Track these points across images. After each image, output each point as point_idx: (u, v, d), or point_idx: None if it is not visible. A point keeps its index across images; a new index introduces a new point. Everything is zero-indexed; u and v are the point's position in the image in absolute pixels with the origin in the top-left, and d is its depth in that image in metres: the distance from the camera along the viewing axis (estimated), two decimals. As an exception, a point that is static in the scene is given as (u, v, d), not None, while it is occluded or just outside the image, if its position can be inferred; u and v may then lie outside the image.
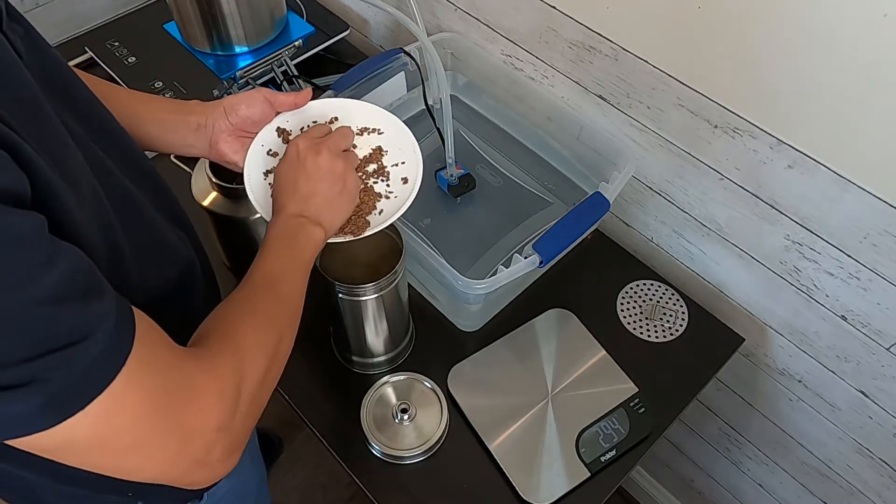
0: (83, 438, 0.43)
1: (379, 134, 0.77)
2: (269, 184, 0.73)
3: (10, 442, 0.42)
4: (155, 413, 0.46)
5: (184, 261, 0.65)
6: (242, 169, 0.73)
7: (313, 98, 0.77)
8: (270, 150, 0.74)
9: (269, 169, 0.74)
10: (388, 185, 0.74)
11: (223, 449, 0.51)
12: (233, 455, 0.52)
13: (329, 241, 0.69)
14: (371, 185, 0.73)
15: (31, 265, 0.39)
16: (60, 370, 0.40)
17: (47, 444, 0.43)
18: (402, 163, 0.75)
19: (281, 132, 0.75)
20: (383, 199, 0.73)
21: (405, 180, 0.74)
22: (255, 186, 0.72)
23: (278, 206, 0.67)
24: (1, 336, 0.38)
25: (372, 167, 0.75)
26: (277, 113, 0.75)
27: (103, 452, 0.45)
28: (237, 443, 0.53)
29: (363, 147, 0.76)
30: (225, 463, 0.51)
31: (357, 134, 0.77)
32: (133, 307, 0.47)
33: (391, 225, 0.73)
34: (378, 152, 0.76)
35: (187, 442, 0.48)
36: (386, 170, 0.75)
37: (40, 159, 0.42)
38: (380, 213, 0.72)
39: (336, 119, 0.77)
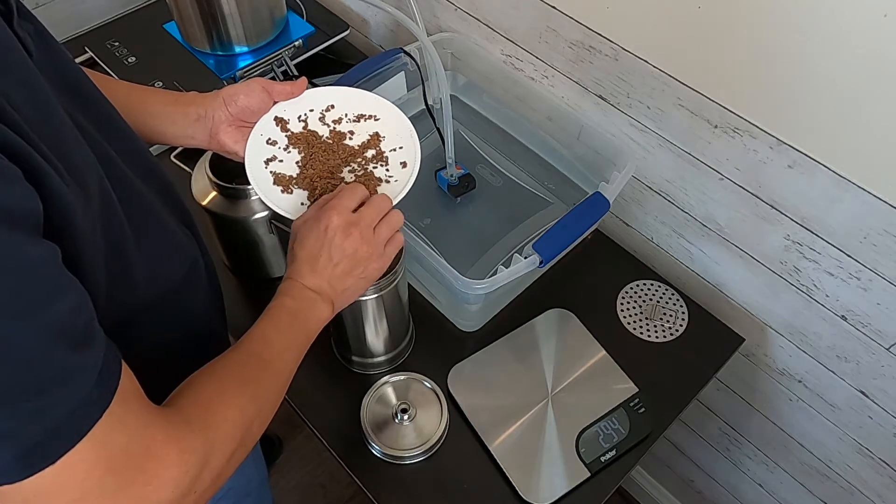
0: (30, 491, 0.41)
1: (375, 120, 0.78)
2: (271, 172, 0.73)
3: None
4: (108, 473, 0.43)
5: (190, 258, 0.66)
6: (243, 158, 0.73)
7: (310, 87, 0.77)
8: (269, 138, 0.75)
9: (269, 157, 0.74)
10: (387, 170, 0.75)
11: None
12: None
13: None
14: (371, 171, 0.74)
15: (39, 296, 0.38)
16: (39, 422, 0.39)
17: None
18: (400, 147, 0.76)
19: (279, 121, 0.76)
20: (384, 184, 0.74)
21: (404, 164, 0.75)
22: (257, 175, 0.73)
23: (293, 272, 0.65)
24: None
25: (371, 153, 0.76)
26: (275, 102, 0.76)
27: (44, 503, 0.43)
28: None
29: (361, 133, 0.77)
30: None
31: (353, 120, 0.78)
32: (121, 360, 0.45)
33: None
34: (376, 138, 0.77)
35: None
36: (384, 155, 0.76)
37: (49, 167, 0.41)
38: None
39: (332, 107, 0.78)
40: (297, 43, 1.22)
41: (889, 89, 0.67)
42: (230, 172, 0.87)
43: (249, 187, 0.85)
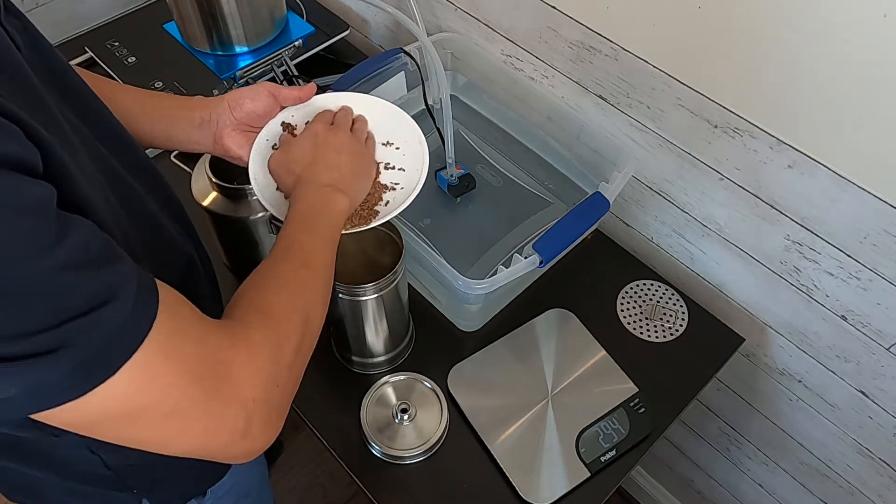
0: (117, 408, 0.43)
1: (384, 126, 0.77)
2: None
3: (45, 417, 0.41)
4: (190, 382, 0.45)
5: (186, 258, 0.65)
6: (247, 164, 0.73)
7: (319, 93, 0.77)
8: (275, 144, 0.74)
9: None
10: (394, 177, 0.74)
11: (262, 420, 0.50)
12: (273, 425, 0.52)
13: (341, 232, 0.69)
14: (377, 177, 0.74)
15: (47, 233, 0.39)
16: (87, 335, 0.40)
17: (81, 417, 0.42)
18: (408, 155, 0.75)
19: (286, 127, 0.75)
20: (389, 191, 0.73)
21: (412, 172, 0.74)
22: (261, 181, 0.72)
23: (299, 178, 0.68)
24: (24, 305, 0.38)
25: (378, 159, 0.75)
26: (282, 107, 0.75)
27: (139, 423, 0.45)
28: (276, 414, 0.52)
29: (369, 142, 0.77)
30: (266, 434, 0.51)
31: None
32: (156, 279, 0.46)
33: (391, 224, 0.73)
34: (384, 144, 0.76)
35: (226, 412, 0.47)
36: (391, 163, 0.75)
37: (51, 137, 0.42)
38: (386, 205, 0.72)
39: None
40: (297, 43, 1.22)
41: (889, 89, 0.67)
42: (230, 172, 0.87)
43: (249, 187, 0.85)
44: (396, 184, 0.74)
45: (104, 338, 0.41)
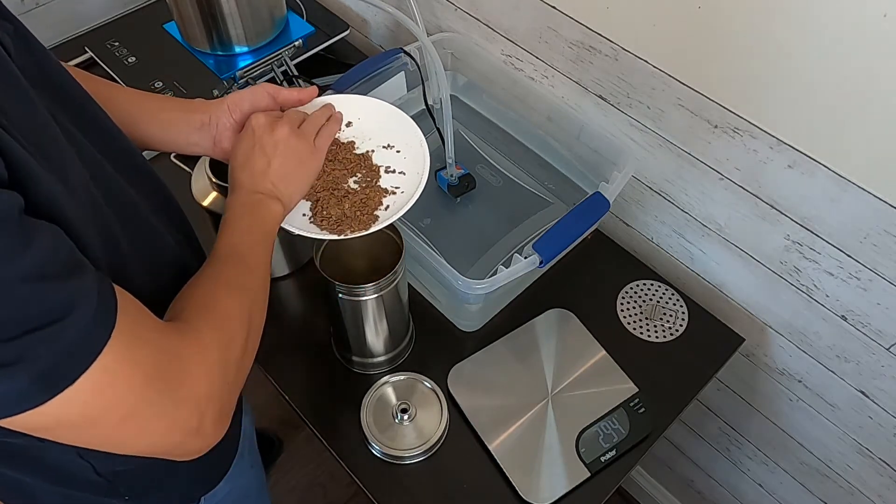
0: (76, 414, 0.44)
1: (385, 129, 0.77)
2: None
3: (4, 423, 0.42)
4: (146, 384, 0.46)
5: (180, 261, 0.65)
6: None
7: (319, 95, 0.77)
8: None
9: None
10: (394, 181, 0.74)
11: (213, 416, 0.51)
12: (223, 421, 0.53)
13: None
14: (376, 183, 0.74)
15: (10, 243, 0.39)
16: (46, 347, 0.40)
17: (41, 423, 0.43)
18: (409, 158, 0.75)
19: None
20: (390, 195, 0.73)
21: (412, 175, 0.74)
22: None
23: (234, 183, 0.67)
24: None
25: (377, 162, 0.75)
26: (282, 110, 0.75)
27: (97, 427, 0.46)
28: (226, 410, 0.54)
29: (369, 142, 0.76)
30: (216, 430, 0.53)
31: (363, 129, 0.77)
32: (114, 284, 0.47)
33: (391, 225, 0.73)
34: (385, 147, 0.76)
35: (179, 411, 0.49)
36: (392, 167, 0.75)
37: (21, 149, 0.42)
38: (387, 209, 0.72)
39: (350, 124, 0.77)
40: (297, 43, 1.22)
41: (889, 89, 0.67)
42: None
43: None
44: (397, 188, 0.74)
45: (63, 349, 0.41)
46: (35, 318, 0.40)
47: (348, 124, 0.77)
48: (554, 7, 0.94)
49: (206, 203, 0.89)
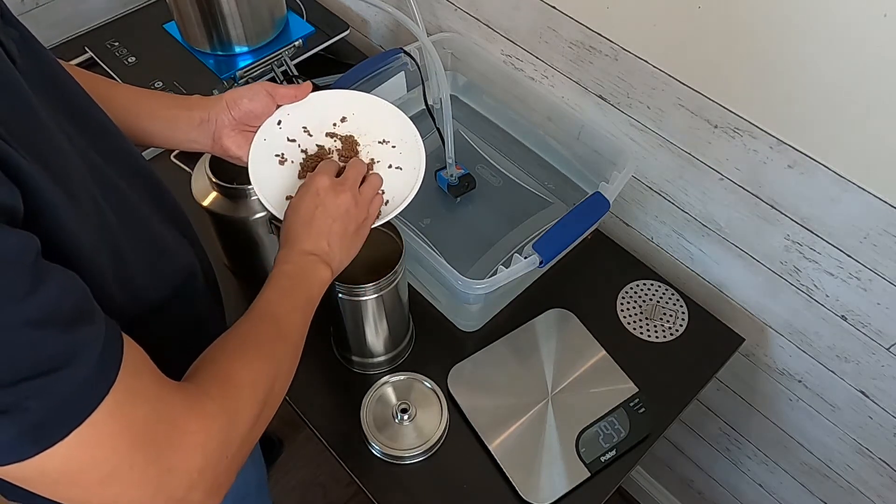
0: (55, 469, 0.41)
1: (380, 124, 0.77)
2: (279, 166, 0.73)
3: None
4: (134, 446, 0.44)
5: (185, 265, 0.65)
6: (246, 163, 0.73)
7: (314, 91, 0.77)
8: (273, 143, 0.74)
9: (278, 153, 0.74)
10: (392, 176, 0.74)
11: (204, 491, 0.48)
12: (216, 495, 0.50)
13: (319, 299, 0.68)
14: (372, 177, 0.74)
15: (19, 284, 0.38)
16: (39, 399, 0.39)
17: (20, 474, 0.41)
18: (405, 153, 0.75)
19: (282, 126, 0.75)
20: (388, 192, 0.73)
21: (409, 171, 0.74)
22: (260, 180, 0.72)
23: (290, 239, 0.66)
24: None
25: (374, 158, 0.75)
26: (278, 106, 0.75)
27: (74, 485, 0.43)
28: (220, 486, 0.50)
29: (365, 137, 0.76)
30: (206, 503, 0.49)
31: (358, 125, 0.77)
32: (124, 334, 0.45)
33: (391, 225, 0.73)
34: (380, 143, 0.76)
35: (166, 480, 0.46)
36: (388, 163, 0.75)
37: (33, 169, 0.41)
38: (385, 205, 0.72)
39: (337, 110, 0.77)
40: (297, 43, 1.22)
41: (889, 89, 0.67)
42: (230, 172, 0.87)
43: (249, 187, 0.85)
44: (394, 184, 0.74)
45: (56, 403, 0.40)
46: (32, 366, 0.38)
47: (343, 119, 0.77)
48: (554, 7, 0.94)
49: (206, 203, 0.89)
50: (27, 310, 0.38)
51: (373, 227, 0.71)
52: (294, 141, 0.75)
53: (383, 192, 0.73)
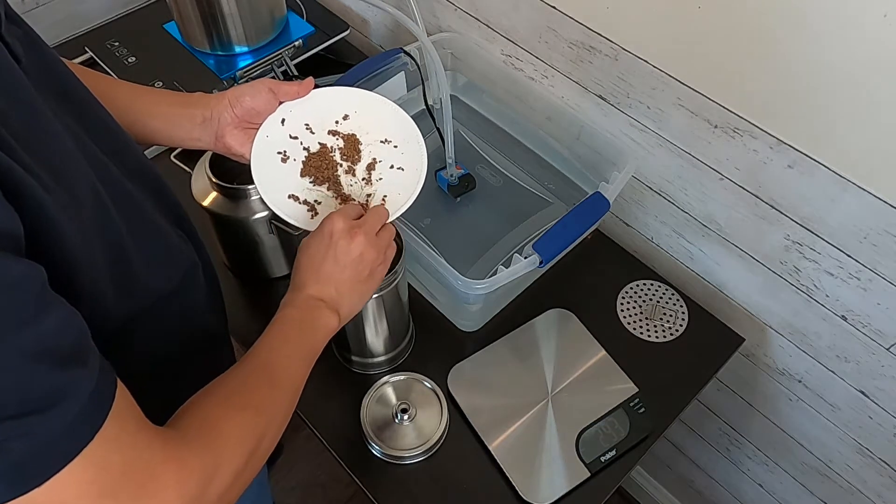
0: None
1: (382, 122, 0.77)
2: (282, 164, 0.72)
3: None
4: (103, 495, 0.42)
5: (186, 262, 0.65)
6: (249, 161, 0.73)
7: (316, 88, 0.77)
8: (275, 140, 0.74)
9: (280, 151, 0.74)
10: (393, 177, 0.74)
11: None
12: None
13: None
14: (373, 178, 0.74)
15: (15, 314, 0.37)
16: (22, 440, 0.38)
17: None
18: (406, 153, 0.75)
19: (285, 124, 0.75)
20: (391, 192, 0.73)
21: (411, 171, 0.74)
22: (262, 178, 0.72)
23: (298, 283, 0.65)
24: None
25: (375, 157, 0.75)
26: (281, 103, 0.75)
27: None
28: None
29: (366, 135, 0.76)
30: None
31: (360, 122, 0.77)
32: (117, 379, 0.44)
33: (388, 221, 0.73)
34: (382, 142, 0.76)
35: None
36: (390, 161, 0.75)
37: (32, 178, 0.40)
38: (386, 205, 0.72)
39: (339, 108, 0.77)
40: (297, 43, 1.22)
41: (889, 89, 0.67)
42: (230, 172, 0.87)
43: (249, 187, 0.85)
44: (395, 185, 0.74)
45: (39, 446, 0.38)
46: (20, 402, 0.37)
47: (345, 117, 0.77)
48: (554, 7, 0.94)
49: (206, 203, 0.89)
50: (24, 340, 0.37)
51: None
52: (296, 138, 0.75)
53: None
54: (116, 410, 0.43)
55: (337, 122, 0.77)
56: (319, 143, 0.75)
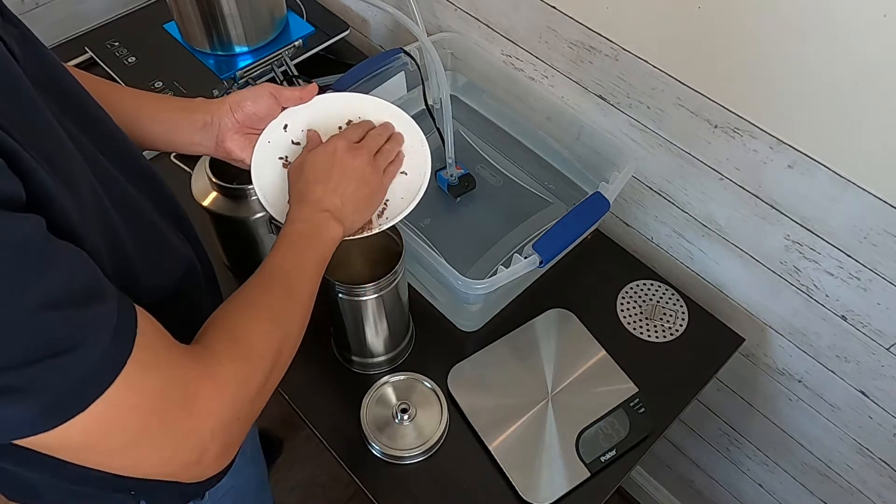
0: (77, 439, 0.43)
1: None
2: (283, 169, 0.72)
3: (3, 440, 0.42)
4: (150, 415, 0.45)
5: (185, 263, 0.65)
6: (249, 166, 0.72)
7: (319, 93, 0.76)
8: (277, 146, 0.74)
9: (282, 156, 0.73)
10: (396, 182, 0.74)
11: (217, 451, 0.50)
12: (227, 456, 0.52)
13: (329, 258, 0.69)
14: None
15: (31, 270, 0.39)
16: (57, 376, 0.40)
17: (41, 443, 0.43)
18: (410, 158, 0.75)
19: (287, 129, 0.75)
20: (393, 196, 0.73)
21: (414, 176, 0.74)
22: (263, 183, 0.72)
23: (302, 194, 0.66)
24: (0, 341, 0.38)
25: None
26: (283, 108, 0.75)
27: (96, 452, 0.45)
28: (232, 445, 0.52)
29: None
30: (218, 463, 0.51)
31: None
32: (136, 305, 0.47)
33: (391, 225, 0.73)
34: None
35: (181, 444, 0.48)
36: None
37: (35, 163, 0.41)
38: (390, 208, 0.72)
39: (350, 123, 0.77)
40: (297, 43, 1.22)
41: (889, 89, 0.67)
42: (230, 172, 0.87)
43: (249, 187, 0.85)
44: (399, 189, 0.73)
45: (74, 381, 0.41)
46: (47, 346, 0.40)
47: (349, 123, 0.77)
48: (554, 7, 0.94)
49: (206, 203, 0.89)
50: (39, 293, 0.39)
51: (378, 231, 0.70)
52: (298, 144, 0.74)
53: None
54: (143, 338, 0.45)
55: (340, 128, 0.76)
56: None
